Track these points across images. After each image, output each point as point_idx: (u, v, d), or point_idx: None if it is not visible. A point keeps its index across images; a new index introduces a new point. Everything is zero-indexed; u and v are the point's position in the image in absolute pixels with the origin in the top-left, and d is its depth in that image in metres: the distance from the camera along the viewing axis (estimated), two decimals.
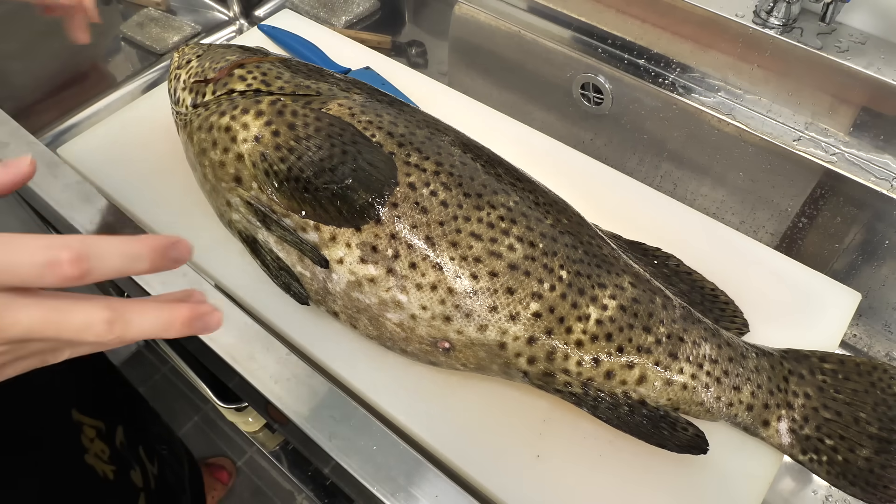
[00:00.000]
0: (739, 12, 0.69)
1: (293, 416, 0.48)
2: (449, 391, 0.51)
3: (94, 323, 0.29)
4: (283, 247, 0.51)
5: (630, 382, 0.47)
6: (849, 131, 0.68)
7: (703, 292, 0.54)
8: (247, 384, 0.50)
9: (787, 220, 0.74)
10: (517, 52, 0.86)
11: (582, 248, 0.49)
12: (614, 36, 0.78)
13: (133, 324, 0.29)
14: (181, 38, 0.91)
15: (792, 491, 0.61)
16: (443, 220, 0.47)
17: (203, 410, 1.37)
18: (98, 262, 0.28)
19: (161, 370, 1.42)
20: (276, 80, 0.54)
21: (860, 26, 0.68)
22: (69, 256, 0.27)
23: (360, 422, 0.46)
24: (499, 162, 0.53)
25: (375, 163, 0.48)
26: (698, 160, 0.77)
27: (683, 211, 0.63)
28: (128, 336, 0.29)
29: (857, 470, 0.46)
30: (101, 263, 0.28)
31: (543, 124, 0.85)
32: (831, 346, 0.54)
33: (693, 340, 0.48)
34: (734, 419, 0.48)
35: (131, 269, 0.29)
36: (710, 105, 0.73)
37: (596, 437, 0.49)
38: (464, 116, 0.63)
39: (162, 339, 0.85)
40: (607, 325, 0.47)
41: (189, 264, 0.56)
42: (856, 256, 0.70)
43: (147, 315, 0.30)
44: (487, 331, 0.47)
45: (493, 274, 0.46)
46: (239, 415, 0.98)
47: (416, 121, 0.53)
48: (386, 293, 0.47)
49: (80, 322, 0.28)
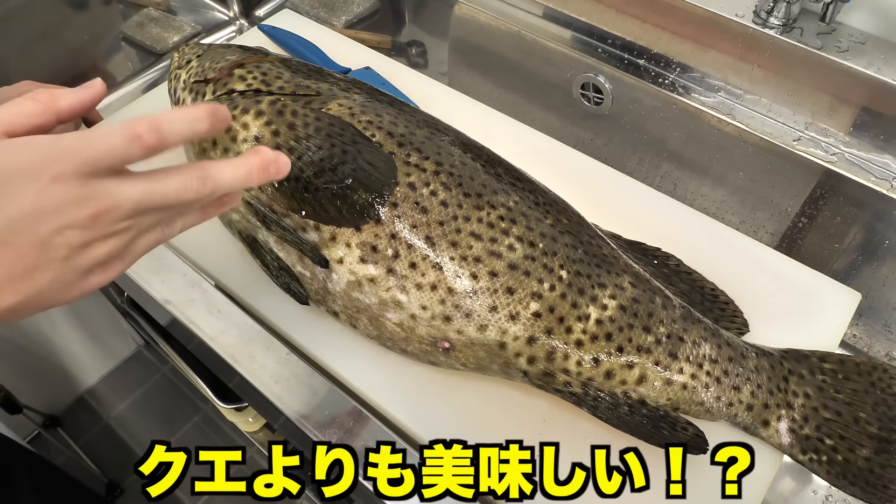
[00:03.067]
0: (739, 12, 0.69)
1: (293, 416, 0.48)
2: (449, 391, 0.51)
3: (189, 181, 0.34)
4: (283, 247, 0.51)
5: (630, 382, 0.47)
6: (849, 131, 0.68)
7: (703, 292, 0.54)
8: (247, 384, 0.50)
9: (787, 220, 0.74)
10: (517, 52, 0.85)
11: (582, 247, 0.49)
12: (614, 36, 0.78)
13: (221, 177, 0.35)
14: (181, 38, 0.91)
15: (792, 491, 0.61)
16: (443, 220, 0.47)
17: (203, 410, 1.37)
18: (168, 128, 0.33)
19: (161, 370, 1.42)
20: (276, 80, 0.54)
21: (860, 26, 0.68)
22: (145, 128, 0.32)
23: (359, 421, 0.46)
24: (499, 162, 0.53)
25: (375, 163, 0.48)
26: (698, 160, 0.77)
27: (683, 211, 0.63)
28: (219, 186, 0.35)
29: (856, 470, 0.46)
30: (170, 129, 0.33)
31: (543, 124, 0.85)
32: (831, 346, 0.54)
33: (693, 340, 0.48)
34: (734, 419, 0.48)
35: (194, 129, 0.34)
36: (710, 105, 0.73)
37: (596, 437, 0.49)
38: (464, 116, 0.63)
39: (162, 339, 0.85)
40: (607, 325, 0.47)
41: (189, 264, 0.56)
42: (856, 256, 0.70)
43: (229, 168, 0.36)
44: (487, 331, 0.47)
45: (492, 274, 0.46)
46: (239, 415, 0.98)
47: (416, 121, 0.53)
48: (386, 293, 0.47)
49: (177, 184, 0.34)
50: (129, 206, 0.33)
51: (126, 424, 1.36)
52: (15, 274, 0.31)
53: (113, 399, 1.39)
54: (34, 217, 0.31)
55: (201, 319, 0.53)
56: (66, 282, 0.33)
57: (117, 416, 1.37)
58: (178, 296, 0.54)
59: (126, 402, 1.39)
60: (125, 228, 0.33)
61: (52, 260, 0.32)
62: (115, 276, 0.35)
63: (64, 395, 1.36)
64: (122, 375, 1.41)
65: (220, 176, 0.35)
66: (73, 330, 1.24)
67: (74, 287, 0.34)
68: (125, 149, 0.32)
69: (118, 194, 0.32)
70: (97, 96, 0.38)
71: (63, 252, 0.32)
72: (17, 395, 1.12)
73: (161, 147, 0.33)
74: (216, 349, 0.51)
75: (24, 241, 0.31)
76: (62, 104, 0.36)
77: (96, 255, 0.33)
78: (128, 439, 1.34)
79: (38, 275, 0.32)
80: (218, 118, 0.35)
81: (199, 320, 0.53)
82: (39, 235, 0.31)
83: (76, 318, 1.23)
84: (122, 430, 1.35)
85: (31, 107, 0.35)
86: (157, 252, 0.57)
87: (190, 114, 0.34)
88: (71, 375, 1.34)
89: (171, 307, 0.54)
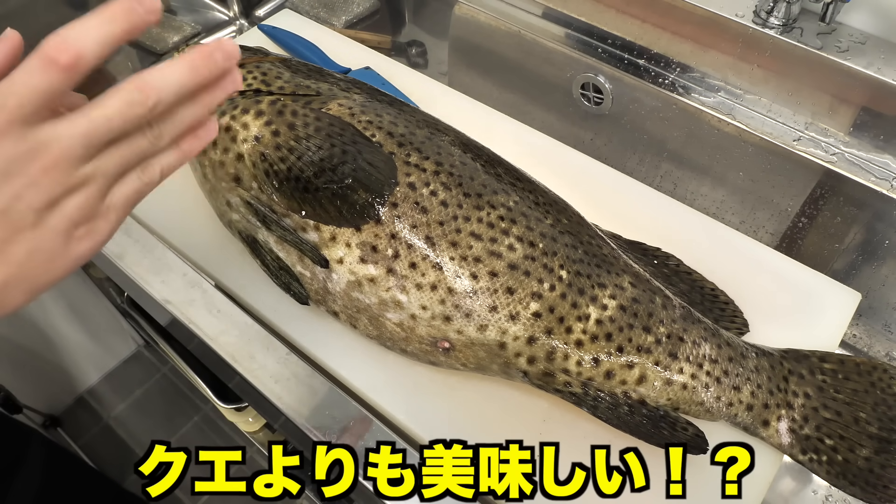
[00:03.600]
0: (739, 12, 0.69)
1: (293, 416, 0.48)
2: (449, 391, 0.51)
3: (128, 95, 0.30)
4: (283, 247, 0.51)
5: (630, 382, 0.47)
6: (849, 131, 0.68)
7: (703, 292, 0.54)
8: (247, 384, 0.50)
9: (787, 220, 0.74)
10: (517, 52, 0.85)
11: (582, 247, 0.49)
12: (614, 36, 0.78)
13: (161, 79, 0.31)
14: (181, 38, 0.91)
15: (792, 491, 0.61)
16: (443, 220, 0.47)
17: (203, 410, 1.37)
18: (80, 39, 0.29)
19: (161, 370, 1.42)
20: (276, 80, 0.54)
21: (860, 26, 0.68)
22: (54, 49, 0.28)
23: (359, 421, 0.46)
24: (499, 162, 0.53)
25: (375, 163, 0.48)
26: (698, 160, 0.77)
27: (683, 211, 0.63)
28: (164, 92, 0.31)
29: (856, 470, 0.46)
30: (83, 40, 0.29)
31: (543, 124, 0.85)
32: (831, 346, 0.54)
33: (693, 340, 0.48)
34: (734, 419, 0.48)
35: (109, 32, 0.29)
36: (710, 105, 0.73)
37: (596, 437, 0.49)
38: (464, 116, 0.63)
39: (162, 339, 0.85)
40: (607, 325, 0.47)
41: (189, 264, 0.56)
42: (856, 256, 0.70)
43: (167, 67, 0.31)
44: (487, 331, 0.47)
45: (492, 274, 0.46)
46: (239, 415, 0.98)
47: (416, 121, 0.53)
48: (386, 293, 0.47)
49: (117, 103, 0.30)
50: (78, 146, 0.30)
51: (126, 424, 1.36)
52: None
53: (113, 399, 1.39)
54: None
55: (201, 319, 0.53)
56: (49, 251, 0.31)
57: (117, 416, 1.37)
58: (178, 296, 0.54)
59: (126, 402, 1.39)
60: (87, 177, 0.31)
61: (20, 228, 0.29)
62: (104, 238, 0.33)
63: (64, 395, 1.36)
64: (122, 375, 1.41)
65: (160, 78, 0.31)
66: (72, 330, 1.24)
67: (61, 257, 0.31)
68: (44, 79, 0.28)
69: (61, 137, 0.29)
70: (14, 47, 0.34)
71: (30, 217, 0.29)
72: (17, 395, 1.12)
73: (83, 63, 0.29)
74: (216, 349, 0.51)
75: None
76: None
77: (68, 214, 0.30)
78: (128, 439, 1.34)
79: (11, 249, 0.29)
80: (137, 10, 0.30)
81: (199, 320, 0.53)
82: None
83: (76, 318, 1.23)
84: (122, 430, 1.35)
85: None
86: (157, 252, 0.57)
87: (100, 15, 0.29)
88: (71, 375, 1.34)
89: (171, 307, 0.54)
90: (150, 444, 0.45)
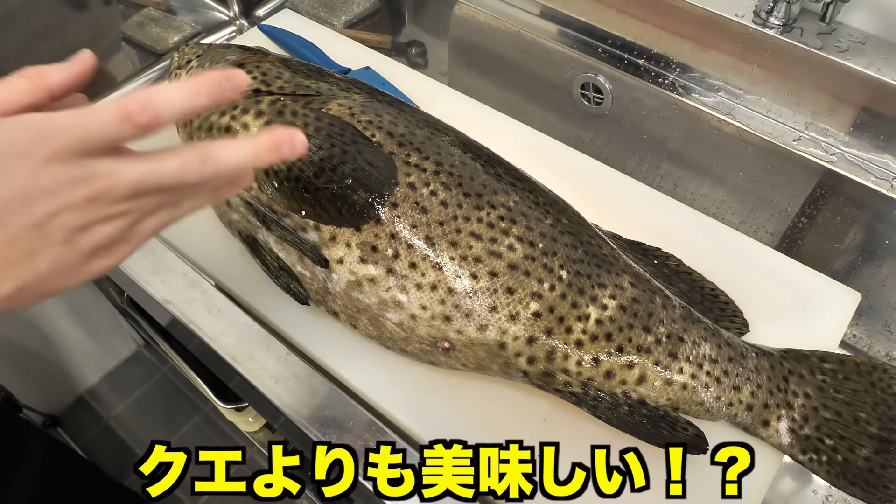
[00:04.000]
0: (739, 12, 0.69)
1: (293, 416, 0.48)
2: (449, 391, 0.51)
3: (188, 163, 0.32)
4: (283, 247, 0.51)
5: (630, 382, 0.47)
6: (849, 131, 0.68)
7: (703, 292, 0.54)
8: (247, 384, 0.50)
9: (787, 220, 0.74)
10: (517, 52, 0.85)
11: (582, 247, 0.49)
12: (614, 36, 0.78)
13: (223, 158, 0.33)
14: (181, 38, 0.91)
15: (792, 491, 0.61)
16: (443, 220, 0.47)
17: (203, 410, 1.37)
18: (163, 105, 0.31)
19: (161, 370, 1.42)
20: (276, 80, 0.54)
21: (860, 26, 0.68)
22: (137, 107, 0.30)
23: (359, 421, 0.46)
24: (499, 162, 0.53)
25: (375, 163, 0.48)
26: (698, 160, 0.77)
27: (683, 211, 0.63)
28: (222, 168, 0.33)
29: (856, 470, 0.46)
30: (165, 106, 0.31)
31: (543, 124, 0.85)
32: (831, 346, 0.54)
33: (693, 340, 0.48)
34: (734, 419, 0.48)
35: (192, 104, 0.32)
36: (710, 105, 0.73)
37: (596, 437, 0.49)
38: (464, 116, 0.63)
39: (162, 339, 0.85)
40: (607, 325, 0.47)
41: (189, 264, 0.56)
42: (856, 256, 0.70)
43: (232, 148, 0.34)
44: (487, 331, 0.47)
45: (492, 274, 0.46)
46: (239, 415, 0.98)
47: (416, 121, 0.53)
48: (386, 293, 0.47)
49: (176, 165, 0.32)
50: (127, 188, 0.31)
51: (126, 424, 1.36)
52: (12, 258, 0.30)
53: (113, 399, 1.39)
54: (28, 198, 0.29)
55: (201, 319, 0.53)
56: (68, 266, 0.32)
57: (117, 416, 1.37)
58: (178, 296, 0.54)
59: (126, 402, 1.39)
60: (126, 211, 0.32)
61: (50, 243, 0.31)
62: (120, 260, 0.34)
63: (64, 395, 1.36)
64: (122, 375, 1.41)
65: (223, 157, 0.33)
66: (72, 330, 1.24)
67: (77, 272, 0.32)
68: (117, 128, 0.30)
69: (115, 175, 0.31)
70: (87, 68, 0.35)
71: (61, 235, 0.31)
72: (17, 395, 1.12)
73: (156, 124, 0.31)
74: (216, 349, 0.51)
75: (19, 223, 0.30)
76: (52, 79, 0.34)
77: (97, 239, 0.32)
78: (128, 439, 1.34)
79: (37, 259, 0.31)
80: (224, 89, 0.32)
81: (199, 320, 0.53)
82: (34, 218, 0.30)
83: (76, 318, 1.23)
84: (122, 430, 1.35)
85: (20, 84, 0.33)
86: (157, 252, 0.57)
87: (187, 87, 0.32)
88: (71, 375, 1.34)
89: (171, 307, 0.54)
90: (150, 444, 0.45)
